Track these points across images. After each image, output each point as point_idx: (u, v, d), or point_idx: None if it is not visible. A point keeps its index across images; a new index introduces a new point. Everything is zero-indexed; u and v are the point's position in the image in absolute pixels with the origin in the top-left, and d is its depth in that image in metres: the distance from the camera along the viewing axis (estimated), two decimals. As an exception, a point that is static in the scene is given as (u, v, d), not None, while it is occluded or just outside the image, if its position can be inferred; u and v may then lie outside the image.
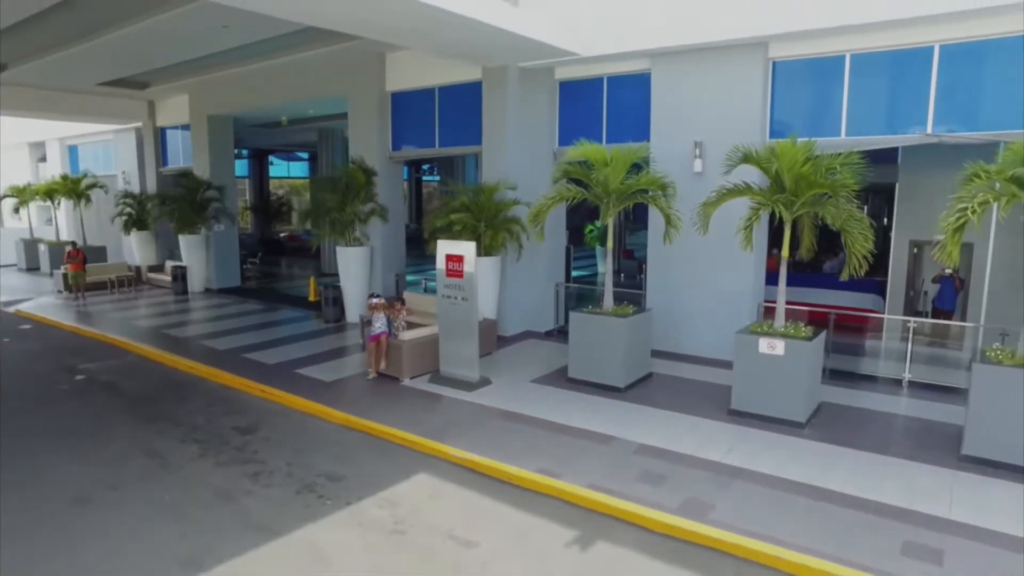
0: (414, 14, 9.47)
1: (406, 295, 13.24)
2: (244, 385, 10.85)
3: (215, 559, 5.83)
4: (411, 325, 11.54)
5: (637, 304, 11.28)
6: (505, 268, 13.17)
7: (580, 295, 15.09)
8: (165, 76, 19.24)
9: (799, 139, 8.62)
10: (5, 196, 27.51)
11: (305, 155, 35.35)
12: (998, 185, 7.09)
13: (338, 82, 15.73)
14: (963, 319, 12.27)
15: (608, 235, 10.41)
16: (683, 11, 10.87)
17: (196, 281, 20.42)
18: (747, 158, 8.83)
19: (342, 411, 9.34)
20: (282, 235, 34.39)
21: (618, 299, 10.71)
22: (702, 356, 11.62)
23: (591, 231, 23.55)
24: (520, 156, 13.13)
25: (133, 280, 21.60)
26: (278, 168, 36.03)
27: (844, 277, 8.24)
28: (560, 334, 13.48)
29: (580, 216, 22.75)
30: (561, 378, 10.68)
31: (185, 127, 21.83)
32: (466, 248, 9.96)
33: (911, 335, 10.08)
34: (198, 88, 19.79)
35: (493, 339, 12.47)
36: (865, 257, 8.10)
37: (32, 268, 27.13)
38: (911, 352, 10.14)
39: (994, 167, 7.20)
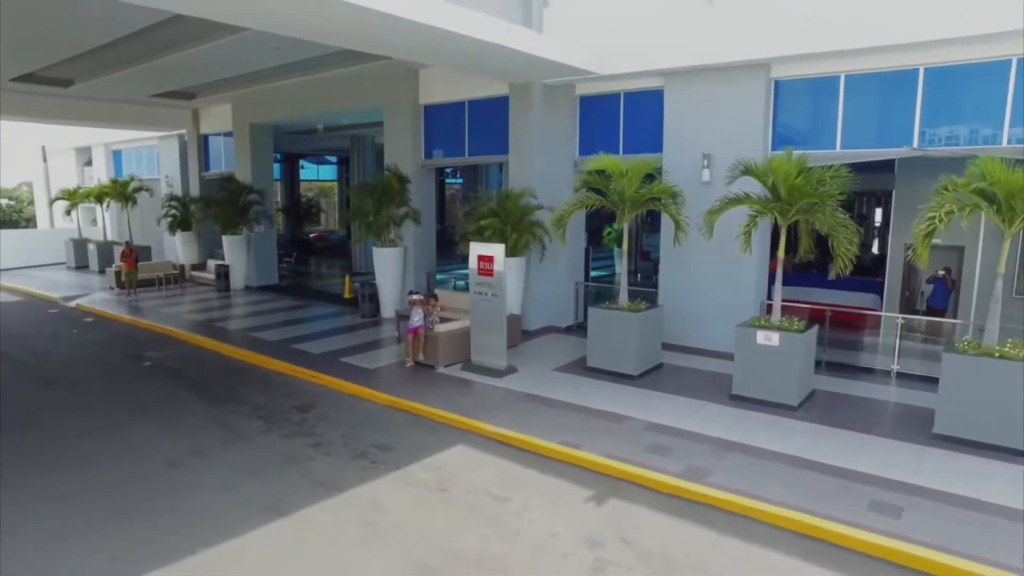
0: (450, 40, 10.65)
1: (438, 292, 14.42)
2: (295, 371, 12.11)
3: (292, 508, 7.05)
4: (443, 320, 12.72)
5: (651, 301, 12.37)
6: (529, 268, 14.31)
7: (598, 293, 16.20)
8: (211, 88, 20.62)
9: (797, 152, 9.71)
10: (57, 199, 29.21)
11: (334, 159, 36.75)
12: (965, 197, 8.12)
13: (374, 95, 16.99)
14: (955, 317, 13.19)
15: (623, 238, 11.54)
16: (694, 35, 11.95)
17: (237, 279, 21.80)
18: (747, 171, 9.91)
19: (386, 393, 10.56)
20: (312, 235, 35.83)
21: (633, 296, 11.81)
22: (708, 349, 12.67)
23: (609, 233, 24.54)
24: (544, 165, 14.29)
25: (178, 277, 23.07)
26: (308, 171, 37.46)
27: (832, 276, 9.30)
28: (579, 329, 14.60)
29: (599, 219, 23.75)
30: (580, 367, 11.82)
31: (227, 134, 23.25)
32: (496, 250, 11.14)
33: (899, 331, 11.08)
34: (241, 99, 21.18)
35: (518, 333, 13.63)
36: (850, 259, 9.16)
37: (81, 266, 28.79)
38: (899, 346, 11.15)
39: (961, 180, 8.24)
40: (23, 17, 11.87)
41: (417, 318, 12.05)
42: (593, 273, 21.20)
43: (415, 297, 12.24)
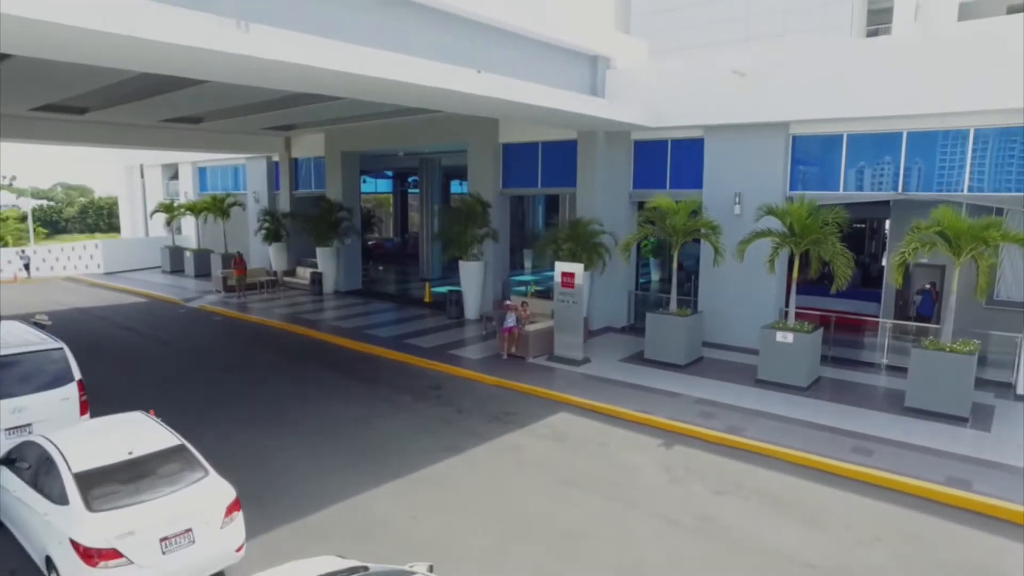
0: (541, 111, 14.08)
1: (522, 299, 17.84)
2: (416, 361, 15.63)
3: (462, 448, 10.55)
4: (530, 322, 16.15)
5: (692, 307, 15.72)
6: (593, 279, 17.73)
7: (644, 299, 19.55)
8: (309, 122, 24.27)
9: (808, 193, 13.10)
10: (156, 211, 33.16)
11: (390, 173, 40.45)
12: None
13: (460, 134, 20.49)
14: (938, 322, 16.36)
15: (674, 259, 14.92)
16: (730, 99, 15.28)
17: (328, 284, 25.45)
18: (770, 211, 13.27)
19: (495, 377, 14.05)
20: (370, 243, 39.54)
21: (678, 304, 15.19)
22: (737, 345, 15.94)
23: (646, 245, 27.86)
24: (604, 196, 17.72)
25: (274, 282, 26.79)
26: (367, 185, 41.18)
27: (833, 291, 12.63)
28: (631, 329, 18.00)
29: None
30: (639, 358, 15.23)
31: (317, 159, 26.93)
32: (577, 268, 14.59)
33: (888, 333, 14.37)
34: (335, 131, 24.83)
35: (585, 331, 17.00)
36: (847, 279, 12.48)
37: (176, 271, 32.71)
38: (888, 344, 14.45)
39: (924, 223, 11.53)
40: (199, 93, 15.58)
41: (511, 320, 15.51)
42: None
43: (509, 303, 15.72)
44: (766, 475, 9.61)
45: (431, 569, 5.68)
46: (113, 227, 57.98)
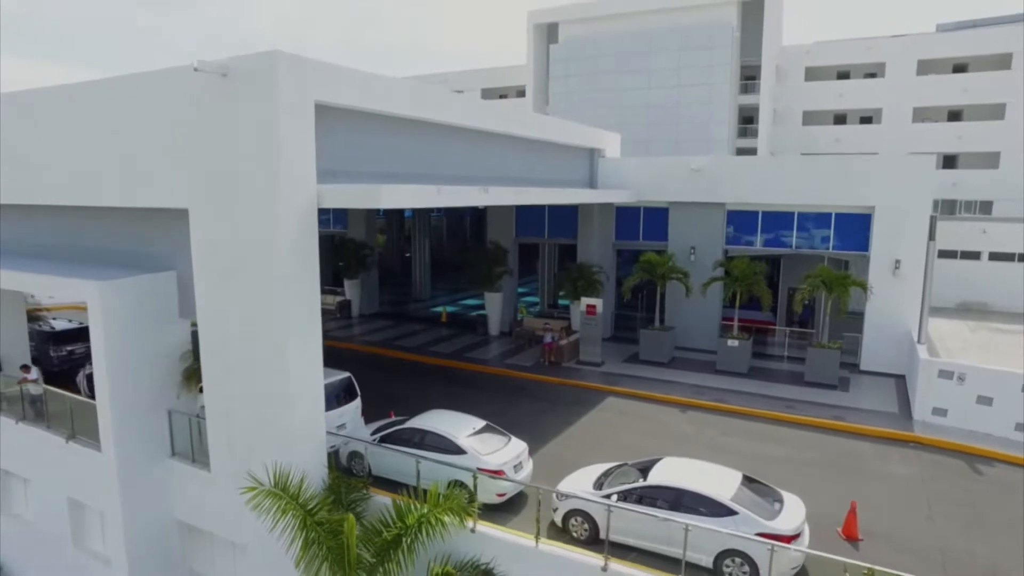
0: (547, 202, 21.49)
1: (560, 325, 24.99)
2: (488, 369, 22.51)
3: (574, 421, 17.84)
4: (563, 338, 23.47)
5: (652, 323, 23.78)
6: (592, 304, 25.38)
7: (620, 315, 27.44)
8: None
9: (738, 249, 21.43)
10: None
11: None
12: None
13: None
14: (814, 327, 25.47)
15: (656, 293, 22.86)
16: (686, 185, 23.42)
17: (355, 308, 31.34)
18: (722, 265, 21.55)
19: (556, 378, 21.33)
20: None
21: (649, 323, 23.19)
22: (695, 347, 24.14)
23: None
24: (598, 246, 25.40)
25: (301, 308, 32.13)
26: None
27: (763, 311, 21.07)
28: (615, 338, 25.85)
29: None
30: (636, 359, 23.08)
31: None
32: (598, 301, 22.18)
33: (787, 336, 23.19)
34: (358, 185, 30.71)
35: (591, 342, 24.62)
36: (771, 306, 20.97)
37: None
38: (787, 343, 23.26)
39: (814, 273, 20.13)
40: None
41: (549, 337, 22.81)
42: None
43: (548, 325, 23.07)
44: (745, 423, 17.74)
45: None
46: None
